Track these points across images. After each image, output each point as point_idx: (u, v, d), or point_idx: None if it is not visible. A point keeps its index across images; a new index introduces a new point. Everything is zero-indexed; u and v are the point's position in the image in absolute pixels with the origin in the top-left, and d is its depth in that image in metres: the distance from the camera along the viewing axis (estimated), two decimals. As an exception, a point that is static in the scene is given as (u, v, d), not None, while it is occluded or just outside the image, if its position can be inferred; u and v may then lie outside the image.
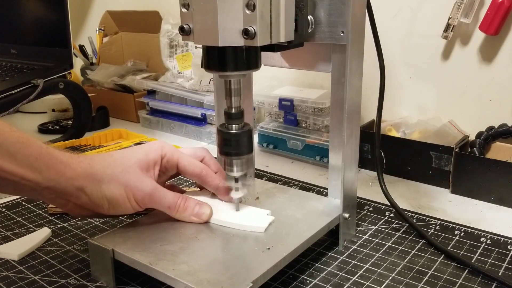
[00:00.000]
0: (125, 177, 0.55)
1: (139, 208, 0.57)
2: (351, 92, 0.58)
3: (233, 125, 0.57)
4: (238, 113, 0.56)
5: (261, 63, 0.55)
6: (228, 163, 0.58)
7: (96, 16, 1.50)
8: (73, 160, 0.54)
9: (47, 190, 0.52)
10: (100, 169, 0.54)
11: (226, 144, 0.57)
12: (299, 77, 1.10)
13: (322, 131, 0.94)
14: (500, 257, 0.60)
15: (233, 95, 0.56)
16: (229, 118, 0.57)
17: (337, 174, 0.62)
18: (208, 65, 0.54)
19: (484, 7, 0.83)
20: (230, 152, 0.57)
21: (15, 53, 1.15)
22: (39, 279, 0.57)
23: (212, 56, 0.53)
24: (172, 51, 1.12)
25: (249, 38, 0.48)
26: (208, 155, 0.64)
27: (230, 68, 0.52)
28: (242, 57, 0.52)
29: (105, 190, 0.54)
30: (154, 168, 0.58)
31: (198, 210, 0.59)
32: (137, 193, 0.55)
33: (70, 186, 0.53)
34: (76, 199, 0.54)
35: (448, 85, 0.90)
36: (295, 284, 0.56)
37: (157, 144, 0.60)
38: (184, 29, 0.52)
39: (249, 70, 0.53)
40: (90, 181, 0.54)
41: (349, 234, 0.65)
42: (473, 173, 0.76)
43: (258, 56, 0.53)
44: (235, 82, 0.55)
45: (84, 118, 1.08)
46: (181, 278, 0.48)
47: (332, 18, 0.56)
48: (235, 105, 0.56)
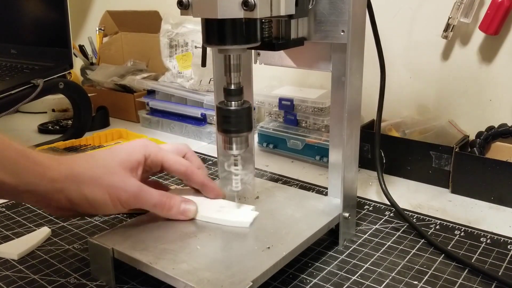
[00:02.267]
0: (109, 178, 0.54)
1: (122, 209, 0.55)
2: (351, 91, 0.58)
3: (232, 102, 0.56)
4: (237, 89, 0.56)
5: (260, 39, 0.54)
6: (227, 141, 0.57)
7: (96, 16, 1.49)
8: (53, 162, 0.52)
9: (26, 193, 0.51)
10: (81, 170, 0.53)
11: (225, 121, 0.56)
12: (299, 77, 1.10)
13: (322, 130, 0.94)
14: (500, 257, 0.60)
15: (233, 70, 0.55)
16: (228, 94, 0.56)
17: (337, 173, 0.62)
18: (208, 39, 0.53)
19: (484, 7, 0.83)
20: (230, 129, 0.56)
21: (15, 53, 1.15)
22: (39, 278, 0.57)
23: (211, 30, 0.52)
24: (172, 51, 1.12)
25: (249, 9, 0.48)
26: (190, 151, 0.64)
27: (230, 41, 0.51)
28: (242, 30, 0.51)
29: (85, 191, 0.52)
30: (138, 168, 0.57)
31: (184, 207, 0.58)
32: (121, 194, 0.54)
33: (50, 188, 0.51)
34: (56, 202, 0.52)
35: (448, 85, 0.90)
36: (295, 283, 0.56)
37: (140, 143, 0.59)
38: (183, 3, 0.51)
39: (249, 44, 0.52)
40: (70, 182, 0.52)
41: (349, 233, 0.64)
42: (473, 173, 0.76)
43: (258, 29, 0.53)
44: (234, 57, 0.55)
45: (84, 118, 1.08)
46: (181, 277, 0.48)
47: (332, 17, 0.56)
48: (235, 81, 0.55)
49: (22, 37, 1.17)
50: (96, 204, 0.54)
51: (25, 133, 1.16)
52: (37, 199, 0.52)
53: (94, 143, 1.03)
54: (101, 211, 0.56)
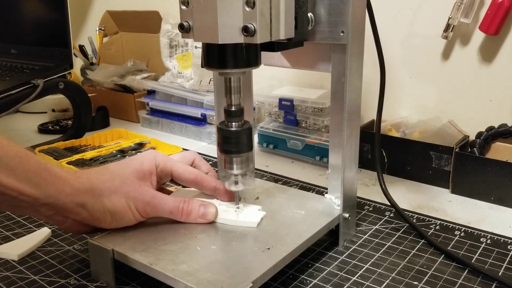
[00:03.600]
0: (125, 188, 0.55)
1: (141, 218, 0.57)
2: (351, 92, 0.58)
3: (233, 123, 0.57)
4: (238, 110, 0.56)
5: (261, 61, 0.55)
6: (228, 161, 0.58)
7: (96, 16, 1.50)
8: (71, 176, 0.53)
9: (45, 206, 0.51)
10: (98, 183, 0.54)
11: (226, 142, 0.57)
12: (299, 77, 1.10)
13: (322, 131, 0.94)
14: (500, 257, 0.60)
15: (233, 92, 0.56)
16: (229, 115, 0.56)
17: (337, 174, 0.62)
18: (208, 63, 0.54)
19: (484, 7, 0.83)
20: (230, 150, 0.57)
21: (15, 53, 1.15)
22: (39, 279, 0.57)
23: (212, 54, 0.52)
24: (172, 51, 1.12)
25: (249, 35, 0.48)
26: (197, 157, 0.65)
27: (230, 65, 0.52)
28: (242, 54, 0.51)
29: (106, 203, 0.54)
30: (151, 177, 0.58)
31: (204, 211, 0.59)
32: (137, 203, 0.55)
33: (70, 202, 0.52)
34: (75, 215, 0.53)
35: (448, 85, 0.90)
36: (295, 284, 0.56)
37: (150, 154, 0.60)
38: (184, 27, 0.52)
39: (249, 68, 0.53)
40: (91, 196, 0.53)
41: (349, 234, 0.64)
42: (473, 173, 0.76)
43: (258, 53, 0.53)
44: (235, 79, 0.55)
45: (84, 118, 1.08)
46: (181, 278, 0.48)
47: (332, 18, 0.56)
48: (235, 102, 0.56)
49: (22, 37, 1.17)
50: (117, 215, 0.55)
51: (25, 133, 1.16)
52: (55, 212, 0.53)
53: (94, 143, 1.03)
54: (122, 222, 0.56)
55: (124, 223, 0.56)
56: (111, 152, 0.93)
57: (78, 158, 0.88)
